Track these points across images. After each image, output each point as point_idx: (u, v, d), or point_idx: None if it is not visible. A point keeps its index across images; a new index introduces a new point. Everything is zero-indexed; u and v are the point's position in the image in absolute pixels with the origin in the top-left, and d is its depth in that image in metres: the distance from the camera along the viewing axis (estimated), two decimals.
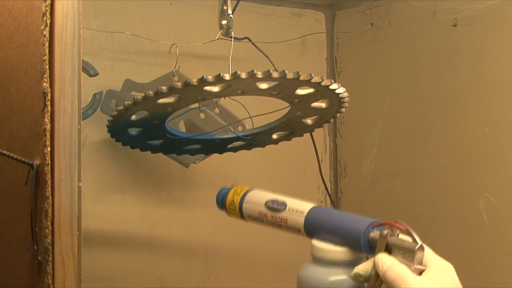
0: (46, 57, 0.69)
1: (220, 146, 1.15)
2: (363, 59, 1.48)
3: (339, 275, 0.69)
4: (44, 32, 0.68)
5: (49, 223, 0.69)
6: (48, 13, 0.68)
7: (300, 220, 0.74)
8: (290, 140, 1.17)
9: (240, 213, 0.82)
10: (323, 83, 0.91)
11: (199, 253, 1.36)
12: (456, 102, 1.26)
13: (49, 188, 0.69)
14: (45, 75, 0.68)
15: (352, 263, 0.69)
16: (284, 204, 0.77)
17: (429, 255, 0.64)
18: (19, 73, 0.73)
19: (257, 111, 1.13)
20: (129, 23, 1.25)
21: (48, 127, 0.68)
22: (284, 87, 0.91)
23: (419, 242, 0.63)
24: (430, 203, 1.31)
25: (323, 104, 1.02)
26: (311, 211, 0.74)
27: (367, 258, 0.68)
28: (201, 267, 1.36)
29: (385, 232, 0.65)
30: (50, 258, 0.69)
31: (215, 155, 1.23)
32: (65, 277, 0.69)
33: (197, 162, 1.28)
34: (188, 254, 1.35)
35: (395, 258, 0.63)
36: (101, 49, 1.23)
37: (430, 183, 1.32)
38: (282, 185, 1.47)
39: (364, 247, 0.67)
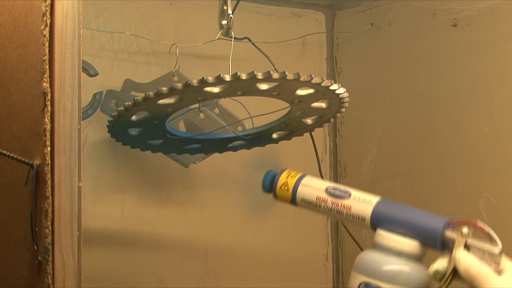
0: (46, 57, 0.69)
1: (220, 145, 1.15)
2: (363, 59, 1.48)
3: (407, 266, 0.70)
4: (44, 32, 0.68)
5: (49, 223, 0.69)
6: (48, 13, 0.68)
7: (368, 209, 0.75)
8: (290, 140, 1.17)
9: (293, 196, 0.81)
10: (323, 84, 0.91)
11: (199, 253, 1.36)
12: (456, 102, 1.26)
13: (49, 188, 0.69)
14: (45, 75, 0.69)
15: (416, 256, 0.70)
16: (348, 192, 0.77)
17: (504, 258, 0.66)
18: (19, 73, 0.73)
19: (257, 111, 1.13)
20: (129, 23, 1.25)
21: (48, 127, 0.68)
22: (284, 88, 0.91)
23: (500, 244, 0.65)
24: (430, 203, 1.31)
25: (323, 104, 1.02)
26: (381, 201, 0.75)
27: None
28: (201, 267, 1.36)
29: (466, 230, 0.66)
30: (50, 258, 0.69)
31: (215, 154, 1.23)
32: (65, 277, 0.69)
33: (197, 162, 1.28)
34: (188, 254, 1.35)
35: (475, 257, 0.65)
36: (101, 49, 1.23)
37: (430, 183, 1.32)
38: None
39: (439, 244, 0.69)
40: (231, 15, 1.08)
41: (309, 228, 1.51)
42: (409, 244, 0.71)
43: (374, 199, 0.76)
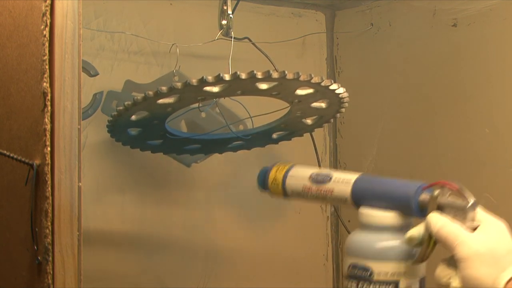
0: (46, 57, 0.69)
1: (220, 145, 1.15)
2: (363, 59, 1.48)
3: (390, 240, 0.69)
4: (44, 32, 0.68)
5: (49, 223, 0.69)
6: (48, 13, 0.68)
7: (347, 189, 0.74)
8: (290, 140, 1.17)
9: (283, 190, 0.81)
10: (323, 84, 0.91)
11: (199, 253, 1.36)
12: (456, 102, 1.26)
13: (49, 188, 0.69)
14: (45, 75, 0.69)
15: (401, 228, 0.69)
16: (329, 176, 0.77)
17: (481, 213, 0.64)
18: (19, 73, 0.73)
19: (257, 111, 1.13)
20: (129, 23, 1.25)
21: (48, 127, 0.68)
22: (284, 88, 0.91)
23: (472, 200, 0.63)
24: None
25: (323, 104, 1.02)
26: (357, 179, 0.74)
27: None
28: (201, 267, 1.36)
29: (436, 192, 0.66)
30: (50, 258, 0.69)
31: (215, 154, 1.23)
32: (65, 277, 0.69)
33: (198, 161, 1.28)
34: (188, 254, 1.35)
35: (447, 217, 0.63)
36: (101, 49, 1.23)
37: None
38: None
39: (415, 210, 0.67)
40: (231, 15, 1.08)
41: (309, 228, 1.51)
42: (388, 217, 0.70)
43: (353, 178, 0.75)
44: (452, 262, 0.63)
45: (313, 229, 1.52)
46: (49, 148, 0.69)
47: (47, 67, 0.69)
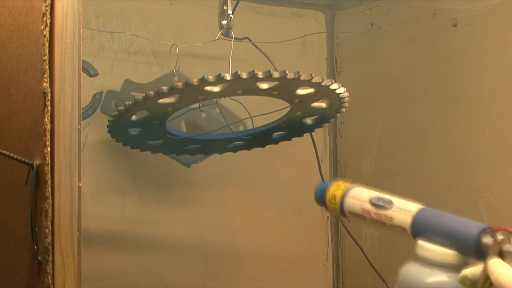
0: (46, 57, 0.69)
1: (220, 146, 1.15)
2: (363, 59, 1.48)
3: (444, 277, 0.68)
4: (44, 32, 0.68)
5: (49, 223, 0.69)
6: (48, 13, 0.68)
7: (407, 219, 0.73)
8: (290, 140, 1.17)
9: (341, 208, 0.80)
10: (323, 83, 0.91)
11: (199, 253, 1.36)
12: (456, 102, 1.26)
13: (49, 188, 0.69)
14: (45, 75, 0.68)
15: (457, 267, 0.67)
16: (390, 202, 0.75)
17: None
18: (19, 73, 0.73)
19: (257, 111, 1.13)
20: (129, 23, 1.25)
21: (48, 127, 0.68)
22: (284, 87, 0.91)
23: None
24: (430, 203, 1.31)
25: (323, 104, 1.02)
26: (420, 211, 0.73)
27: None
28: (201, 267, 1.36)
29: (499, 237, 0.64)
30: (50, 258, 0.69)
31: (216, 155, 1.23)
32: (65, 277, 0.69)
33: (198, 162, 1.28)
34: (188, 254, 1.35)
35: (508, 265, 0.63)
36: (101, 49, 1.23)
37: (430, 183, 1.32)
38: (282, 185, 1.47)
39: (475, 251, 0.66)
40: (231, 15, 1.08)
41: (309, 228, 1.51)
42: (447, 254, 0.68)
43: (414, 208, 0.73)
44: None
45: (313, 229, 1.52)
46: (49, 148, 0.68)
47: (47, 67, 0.69)
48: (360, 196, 0.79)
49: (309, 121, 1.09)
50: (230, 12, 1.08)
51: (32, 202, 0.71)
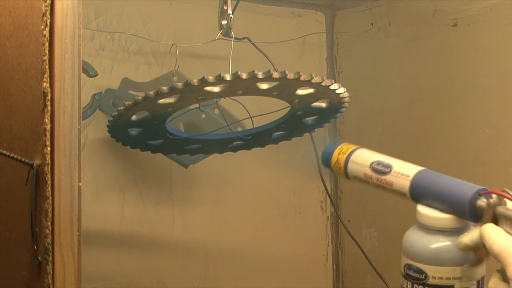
0: (46, 57, 0.69)
1: (220, 146, 1.15)
2: (363, 59, 1.48)
3: (444, 242, 0.67)
4: (44, 32, 0.68)
5: (49, 223, 0.69)
6: (48, 13, 0.68)
7: (406, 183, 0.71)
8: (290, 140, 1.17)
9: (345, 173, 0.79)
10: (323, 83, 0.91)
11: (199, 253, 1.36)
12: (456, 102, 1.26)
13: (49, 188, 0.69)
14: (45, 75, 0.68)
15: (457, 231, 0.66)
16: (389, 167, 0.74)
17: None
18: (19, 73, 0.73)
19: (257, 111, 1.13)
20: (129, 23, 1.25)
21: (48, 127, 0.68)
22: (284, 87, 0.91)
23: None
24: None
25: (323, 104, 1.02)
26: (417, 174, 0.71)
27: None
28: (201, 267, 1.36)
29: (492, 201, 0.63)
30: (50, 258, 0.69)
31: (215, 155, 1.23)
32: (65, 277, 0.69)
33: (196, 162, 1.28)
34: (188, 254, 1.35)
35: (502, 229, 0.61)
36: (101, 49, 1.23)
37: None
38: (282, 185, 1.47)
39: (470, 215, 0.65)
40: (231, 15, 1.08)
41: (309, 228, 1.51)
42: (445, 219, 0.67)
43: (412, 172, 0.72)
44: (506, 275, 0.60)
45: (313, 229, 1.52)
46: (49, 148, 0.68)
47: (47, 67, 0.69)
48: (361, 160, 0.78)
49: (309, 121, 1.09)
50: (230, 12, 1.08)
51: (32, 202, 0.71)
